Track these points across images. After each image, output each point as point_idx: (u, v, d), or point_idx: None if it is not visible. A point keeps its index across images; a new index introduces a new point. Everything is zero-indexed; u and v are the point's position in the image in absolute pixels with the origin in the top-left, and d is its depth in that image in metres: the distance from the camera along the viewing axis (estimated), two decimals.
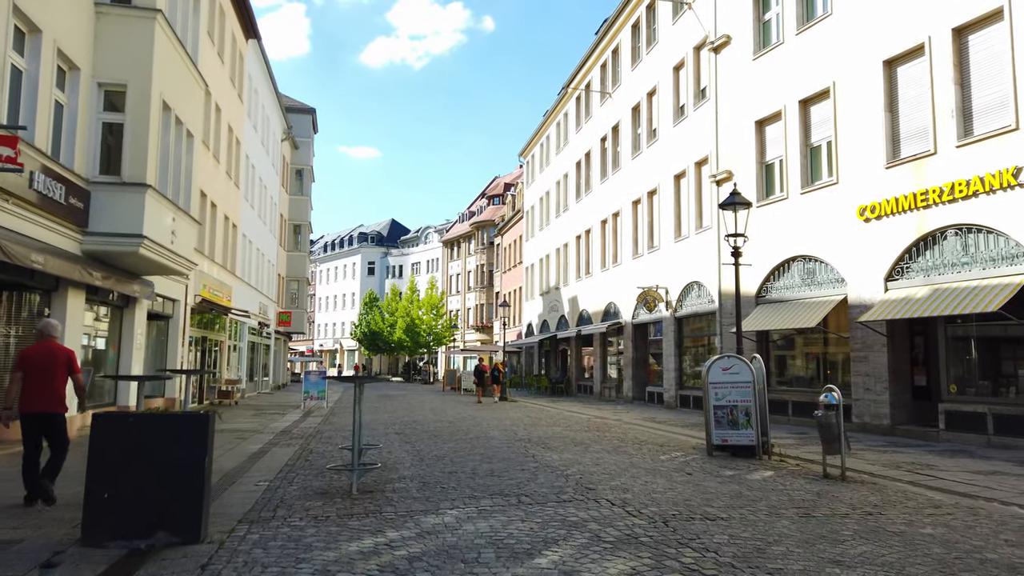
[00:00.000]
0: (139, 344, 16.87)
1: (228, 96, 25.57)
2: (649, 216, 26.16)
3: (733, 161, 19.83)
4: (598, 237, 31.56)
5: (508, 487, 7.91)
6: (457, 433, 14.33)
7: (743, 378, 10.92)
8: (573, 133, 36.09)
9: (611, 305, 29.88)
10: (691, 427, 16.36)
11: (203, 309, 22.93)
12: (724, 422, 10.92)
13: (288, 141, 41.85)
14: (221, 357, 26.51)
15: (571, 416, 20.06)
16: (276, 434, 14.52)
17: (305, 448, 11.87)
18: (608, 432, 14.95)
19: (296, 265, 44.59)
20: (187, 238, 16.57)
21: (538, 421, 17.97)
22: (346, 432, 14.77)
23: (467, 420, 17.94)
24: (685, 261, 22.81)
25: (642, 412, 21.77)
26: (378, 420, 17.92)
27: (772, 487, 8.12)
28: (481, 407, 24.34)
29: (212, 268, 23.73)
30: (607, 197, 30.43)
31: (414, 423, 16.93)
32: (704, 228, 21.67)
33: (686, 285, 22.78)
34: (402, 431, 14.80)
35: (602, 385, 31.08)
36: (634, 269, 27.09)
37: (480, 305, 63.22)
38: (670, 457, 10.75)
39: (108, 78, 13.89)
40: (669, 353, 23.93)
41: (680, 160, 23.41)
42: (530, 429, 15.38)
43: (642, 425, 16.94)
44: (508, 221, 54.03)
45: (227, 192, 25.98)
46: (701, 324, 22.58)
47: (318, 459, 10.42)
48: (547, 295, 40.25)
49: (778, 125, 18.20)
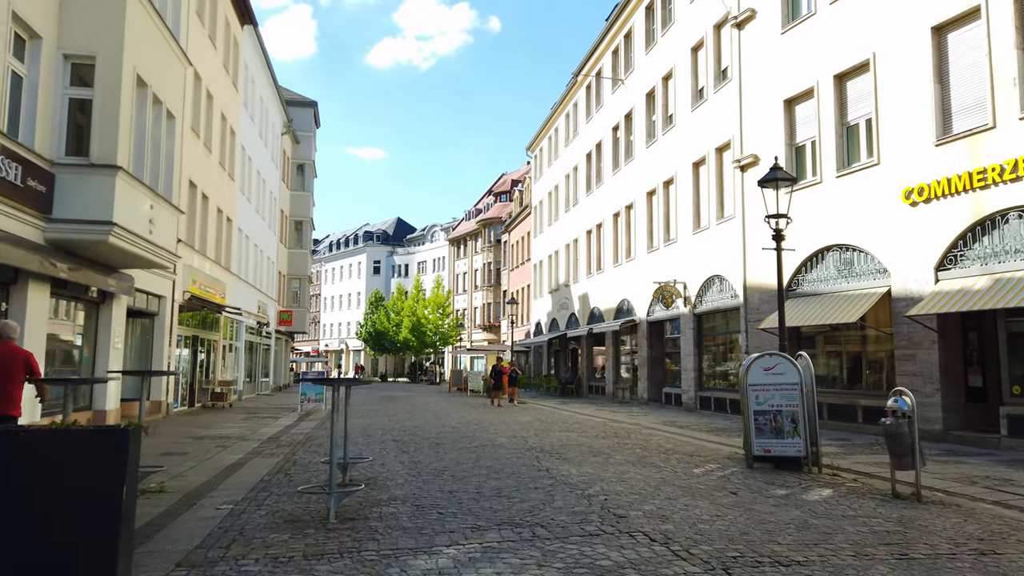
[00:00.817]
0: (117, 343, 15.57)
1: (221, 83, 24.29)
2: (665, 207, 24.73)
3: (759, 144, 18.38)
4: (610, 231, 30.13)
5: (520, 513, 6.53)
6: (461, 440, 12.96)
7: (788, 379, 9.50)
8: (583, 124, 34.67)
9: (624, 302, 28.45)
10: (718, 432, 14.93)
11: (194, 307, 21.64)
12: (767, 430, 9.50)
13: (288, 135, 40.60)
14: (216, 357, 25.23)
15: (585, 420, 18.66)
16: (262, 441, 13.19)
17: (289, 459, 10.52)
18: (628, 439, 13.54)
19: (298, 263, 43.34)
20: (168, 228, 15.25)
21: (550, 426, 16.58)
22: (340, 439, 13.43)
23: (472, 425, 16.57)
24: (705, 254, 21.37)
25: (660, 415, 20.35)
26: (376, 425, 16.58)
27: (840, 512, 6.71)
28: (489, 410, 22.97)
29: (204, 263, 22.45)
30: (619, 189, 29.00)
31: (415, 429, 15.57)
32: (726, 218, 20.22)
33: (706, 279, 21.33)
34: (400, 438, 13.44)
35: (615, 386, 29.65)
36: (649, 264, 25.66)
37: (487, 304, 61.87)
38: (705, 471, 9.34)
39: (75, 49, 12.58)
40: (688, 352, 22.49)
41: (699, 146, 21.97)
42: (541, 435, 14.00)
43: (663, 430, 15.53)
44: (515, 217, 52.65)
45: (220, 184, 24.71)
46: (723, 321, 21.13)
47: (300, 473, 9.07)
48: (556, 293, 38.85)
49: (810, 104, 16.74)
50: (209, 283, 22.73)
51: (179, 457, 10.70)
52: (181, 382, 21.09)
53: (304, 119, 43.28)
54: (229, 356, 27.47)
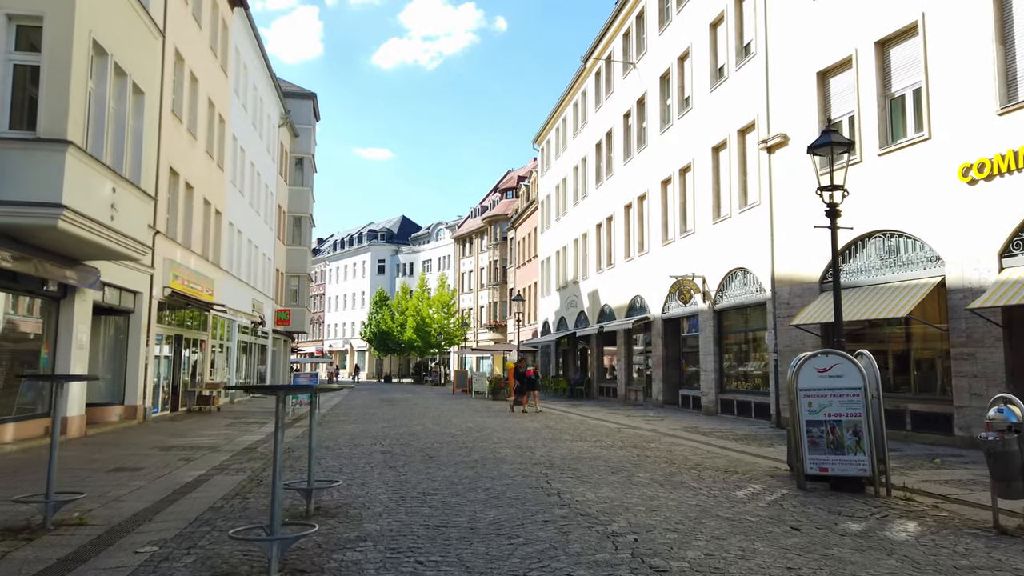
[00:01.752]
0: (81, 342, 14.09)
1: (207, 65, 22.83)
2: (681, 196, 23.11)
3: (788, 123, 16.75)
4: (621, 224, 28.51)
5: (525, 561, 4.97)
6: (459, 452, 11.40)
7: (849, 383, 7.89)
8: (592, 112, 33.06)
9: (637, 299, 26.84)
10: (747, 441, 13.32)
11: (176, 304, 20.17)
12: (822, 444, 7.90)
13: (286, 127, 39.15)
14: (204, 359, 23.77)
15: (597, 425, 17.08)
16: (236, 453, 11.67)
17: (256, 477, 8.99)
18: (648, 449, 11.95)
19: (296, 260, 41.87)
20: (136, 215, 13.74)
21: (559, 433, 15.01)
22: (325, 450, 11.90)
23: (474, 433, 15.01)
24: (727, 245, 19.74)
25: (679, 419, 18.74)
26: (368, 432, 15.05)
27: (948, 560, 5.11)
28: (494, 416, 21.42)
29: (187, 258, 20.98)
30: (631, 179, 27.40)
31: (410, 437, 14.02)
32: (750, 205, 18.59)
33: (728, 273, 19.70)
34: (391, 449, 11.88)
35: (627, 387, 28.03)
36: (664, 257, 24.04)
37: (493, 303, 60.32)
38: (749, 494, 7.75)
39: (20, 8, 11.12)
40: (707, 351, 20.86)
41: (719, 129, 20.34)
42: (550, 445, 12.42)
43: (686, 438, 13.93)
44: (522, 213, 51.06)
45: (208, 174, 23.24)
46: (746, 317, 19.50)
47: (262, 498, 7.53)
48: (564, 290, 37.26)
49: (847, 75, 15.11)
50: (194, 279, 21.26)
51: (128, 475, 9.18)
52: (162, 384, 19.62)
53: (303, 111, 41.83)
54: (220, 357, 26.01)
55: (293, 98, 40.71)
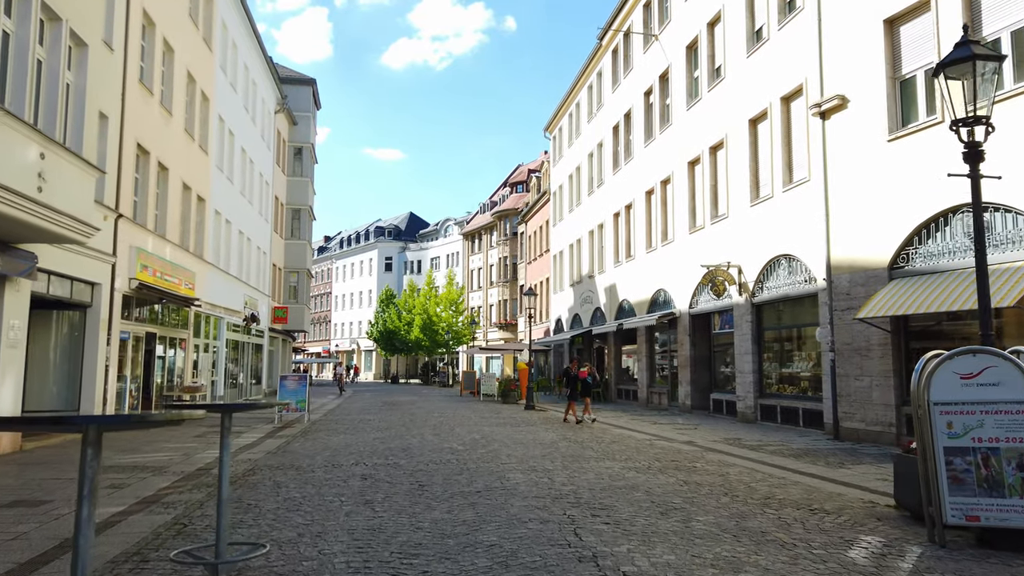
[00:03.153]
0: (14, 340, 11.90)
1: (186, 36, 20.64)
2: (712, 178, 20.72)
3: (846, 82, 14.33)
4: (642, 211, 26.14)
5: None
6: (458, 477, 9.10)
7: (1009, 394, 5.53)
8: (608, 93, 30.68)
9: (660, 293, 24.46)
10: (809, 459, 10.95)
11: (148, 298, 18.00)
12: (970, 481, 5.54)
13: (283, 113, 37.00)
14: (185, 360, 21.61)
15: (623, 436, 14.74)
16: (183, 476, 9.43)
17: (181, 519, 6.72)
18: (695, 472, 9.61)
19: (295, 255, 39.72)
20: (75, 189, 11.53)
21: (580, 447, 12.69)
22: (295, 472, 9.65)
23: (479, 447, 12.71)
24: (767, 229, 17.35)
25: (714, 428, 16.38)
26: (355, 445, 12.77)
27: None
28: (503, 426, 19.14)
29: (162, 247, 18.81)
30: (653, 162, 25.02)
31: (402, 453, 11.74)
32: (797, 182, 16.19)
33: (770, 261, 17.30)
34: (374, 472, 9.59)
35: (649, 390, 25.65)
36: (692, 246, 21.66)
37: (503, 301, 58.02)
38: (868, 553, 5.39)
39: None
40: (744, 350, 18.47)
41: (757, 99, 17.95)
42: (572, 467, 10.10)
43: (734, 455, 11.57)
44: (532, 206, 48.72)
45: (188, 155, 21.07)
46: (793, 311, 17.10)
47: (177, 549, 5.24)
48: (579, 285, 34.90)
49: (923, 21, 12.68)
50: (169, 271, 19.09)
51: (23, 512, 6.96)
52: (129, 389, 17.45)
53: (301, 98, 39.69)
54: (204, 357, 23.85)
55: (291, 84, 38.60)
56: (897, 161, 12.82)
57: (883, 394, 13.02)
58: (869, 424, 13.33)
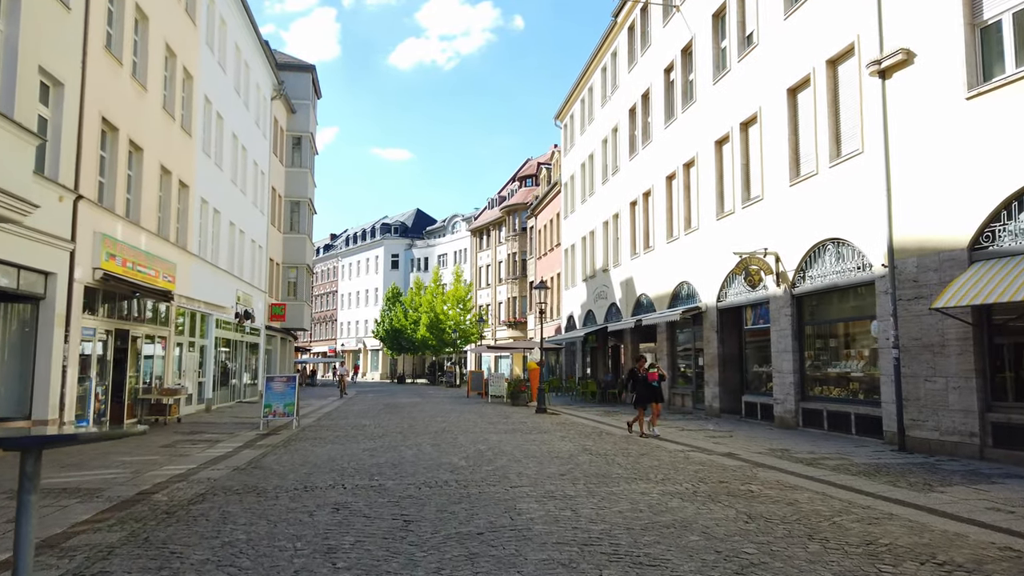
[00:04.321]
0: None
1: (163, 4, 18.80)
2: (743, 156, 18.72)
3: (912, 35, 12.30)
4: (662, 198, 24.15)
5: None
6: (455, 508, 7.19)
7: None
8: (624, 74, 28.68)
9: (683, 286, 22.48)
10: (883, 477, 8.97)
11: (116, 290, 16.21)
12: None
13: (280, 100, 35.19)
14: (167, 359, 19.81)
15: (651, 446, 12.79)
16: (118, 503, 7.58)
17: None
18: (756, 499, 7.66)
19: (294, 249, 37.93)
20: (6, 158, 9.70)
21: (605, 461, 10.75)
22: (255, 499, 7.79)
23: (484, 462, 10.80)
24: (811, 211, 15.35)
25: (752, 436, 14.42)
26: (339, 460, 10.89)
27: None
28: (517, 430, 17.26)
29: (135, 235, 17.01)
30: (675, 144, 23.03)
31: (392, 471, 9.85)
32: (848, 155, 14.17)
33: (814, 246, 15.30)
34: (350, 500, 7.69)
35: (671, 391, 23.66)
36: (720, 234, 19.67)
37: (512, 298, 56.07)
38: None
39: None
40: (783, 347, 16.47)
41: (797, 65, 15.95)
42: (600, 492, 8.17)
43: (792, 473, 9.60)
44: (542, 199, 46.76)
45: (167, 136, 19.26)
46: (842, 302, 15.10)
47: None
48: (592, 280, 32.94)
49: None
50: (144, 261, 17.28)
51: None
52: (96, 392, 15.65)
53: (300, 85, 37.89)
54: (190, 357, 22.05)
55: (289, 70, 36.79)
56: (978, 121, 10.81)
57: (962, 398, 11.01)
58: (944, 433, 11.33)
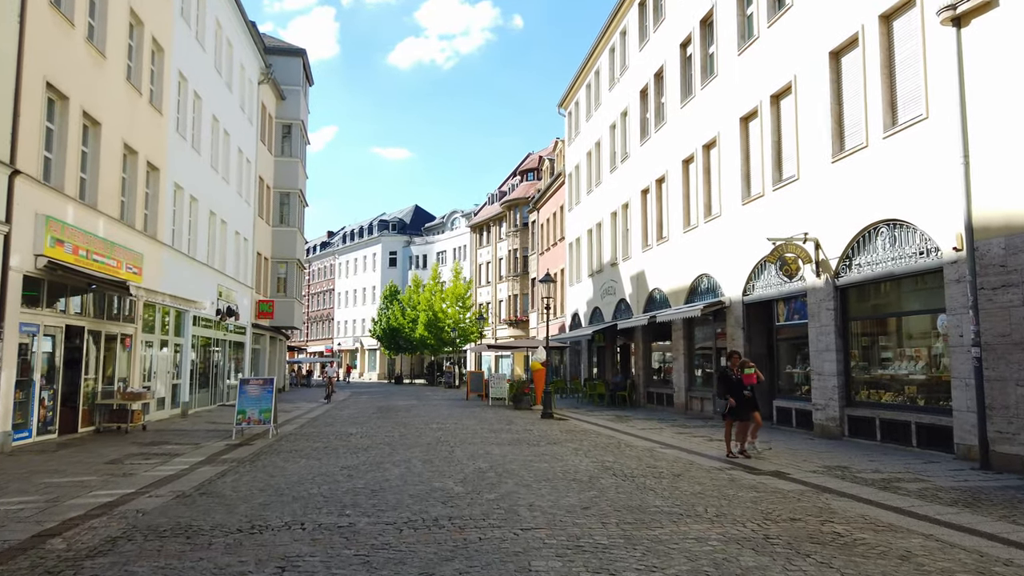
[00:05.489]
0: None
1: None
2: (774, 133, 16.76)
3: None
4: (678, 184, 22.19)
5: None
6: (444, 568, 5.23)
7: None
8: (635, 53, 26.72)
9: (702, 279, 20.53)
10: (999, 510, 7.03)
11: (69, 282, 14.25)
12: None
13: (268, 85, 33.22)
14: (133, 360, 17.85)
15: (683, 462, 10.82)
16: None
17: None
18: (855, 553, 5.70)
19: (284, 243, 35.95)
20: None
21: (634, 485, 8.79)
22: (188, 539, 5.85)
23: (484, 487, 8.84)
24: (860, 189, 13.39)
25: (792, 448, 12.47)
26: (311, 480, 8.92)
27: None
28: (522, 441, 15.32)
29: (91, 220, 15.05)
30: (692, 124, 21.07)
31: (368, 502, 7.88)
32: (908, 122, 12.20)
33: (864, 229, 13.32)
34: (303, 553, 5.71)
35: (688, 394, 21.71)
36: (746, 220, 17.72)
37: (513, 296, 54.07)
38: None
39: None
40: (824, 345, 14.52)
41: (841, 25, 13.97)
42: (637, 536, 6.21)
43: (868, 502, 7.63)
44: (545, 192, 44.79)
45: (132, 112, 17.31)
46: (897, 294, 13.14)
47: None
48: (599, 275, 30.98)
49: None
50: (102, 249, 15.33)
51: None
52: (40, 397, 13.68)
53: (290, 70, 35.92)
54: (162, 357, 20.07)
55: (278, 54, 34.84)
56: None
57: None
58: None
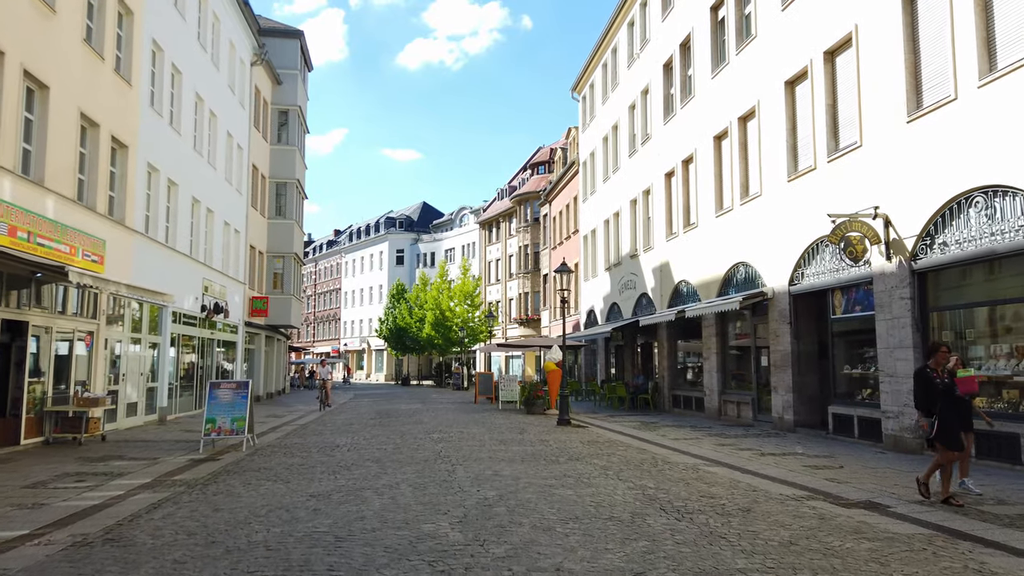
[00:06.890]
0: None
1: None
2: (828, 96, 14.44)
3: None
4: (708, 164, 19.89)
5: None
6: None
7: None
8: (656, 25, 24.42)
9: (738, 268, 18.24)
10: None
11: (8, 269, 12.15)
12: None
13: (263, 68, 31.13)
14: (94, 360, 15.76)
15: (738, 485, 8.56)
16: None
17: None
18: None
19: (281, 236, 33.84)
20: None
21: (700, 533, 6.56)
22: None
23: (490, 527, 6.63)
24: (945, 153, 11.07)
25: (868, 466, 10.19)
26: (263, 517, 6.74)
27: None
28: (538, 456, 13.09)
29: (36, 197, 12.94)
30: (725, 96, 18.77)
31: (332, 552, 5.69)
32: (1010, 66, 9.89)
33: (951, 200, 11.00)
34: None
35: (723, 398, 19.39)
36: (792, 198, 15.42)
37: (523, 294, 51.81)
38: None
39: None
40: (897, 342, 12.19)
41: None
42: None
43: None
44: (557, 183, 42.52)
45: (93, 78, 15.22)
46: (996, 278, 10.83)
47: None
48: (617, 268, 28.69)
49: None
50: (51, 232, 13.21)
51: None
52: None
53: (286, 53, 33.81)
54: (132, 357, 17.98)
55: (273, 36, 32.71)
56: None
57: None
58: None
